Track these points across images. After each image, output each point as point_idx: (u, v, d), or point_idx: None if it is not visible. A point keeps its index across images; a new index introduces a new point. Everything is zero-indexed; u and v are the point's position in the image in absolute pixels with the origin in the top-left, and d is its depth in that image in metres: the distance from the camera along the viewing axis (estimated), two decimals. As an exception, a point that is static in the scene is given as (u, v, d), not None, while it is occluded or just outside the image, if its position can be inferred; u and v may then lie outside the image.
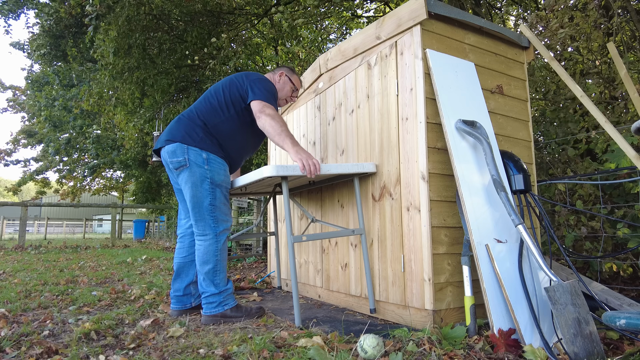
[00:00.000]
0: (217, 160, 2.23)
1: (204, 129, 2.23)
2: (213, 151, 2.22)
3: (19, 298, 2.80)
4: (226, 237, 2.26)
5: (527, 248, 1.82)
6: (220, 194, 2.24)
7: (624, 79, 2.26)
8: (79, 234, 23.84)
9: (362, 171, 2.27)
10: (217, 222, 2.21)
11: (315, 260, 2.88)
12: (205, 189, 2.18)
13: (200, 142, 2.19)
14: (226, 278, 2.25)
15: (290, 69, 2.63)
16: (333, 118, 2.80)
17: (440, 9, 2.07)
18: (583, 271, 2.80)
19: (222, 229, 2.23)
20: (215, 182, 2.21)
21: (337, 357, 1.50)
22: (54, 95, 12.54)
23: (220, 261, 2.21)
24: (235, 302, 2.24)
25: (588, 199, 2.85)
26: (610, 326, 1.49)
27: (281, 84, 2.56)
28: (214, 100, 2.31)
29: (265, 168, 2.06)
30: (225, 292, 2.21)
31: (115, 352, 1.67)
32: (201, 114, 2.28)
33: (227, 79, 2.40)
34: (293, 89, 2.60)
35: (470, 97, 2.12)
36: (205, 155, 2.19)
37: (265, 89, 2.27)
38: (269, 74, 2.62)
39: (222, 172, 2.24)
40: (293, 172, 2.06)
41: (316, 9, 5.39)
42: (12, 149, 14.91)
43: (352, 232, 2.27)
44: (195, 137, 2.20)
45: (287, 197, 2.13)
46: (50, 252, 7.62)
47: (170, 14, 6.15)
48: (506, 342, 1.59)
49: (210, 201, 2.19)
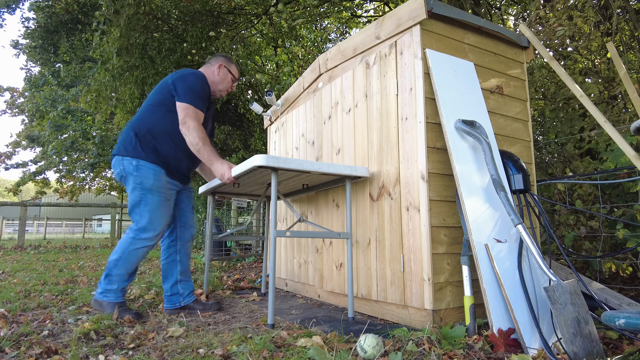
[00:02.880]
0: (147, 165, 2.27)
1: (136, 138, 2.30)
2: (143, 157, 2.27)
3: (18, 298, 2.80)
4: (143, 247, 2.26)
5: (526, 248, 1.82)
6: (151, 200, 2.26)
7: (623, 78, 2.26)
8: (79, 233, 23.83)
9: (355, 174, 2.24)
10: (140, 229, 2.25)
11: (314, 260, 2.88)
12: (136, 194, 2.25)
13: (132, 151, 2.27)
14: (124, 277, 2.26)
15: (227, 59, 2.61)
16: (329, 117, 2.79)
17: (439, 9, 2.07)
18: (582, 271, 2.81)
19: (141, 237, 2.25)
20: (144, 186, 2.25)
21: (336, 356, 1.50)
22: (53, 96, 12.52)
23: (123, 259, 2.24)
24: (117, 299, 2.25)
25: (587, 199, 2.85)
26: (609, 326, 1.49)
27: (222, 76, 2.55)
28: (145, 107, 2.38)
29: (256, 157, 1.98)
30: (111, 285, 2.25)
31: (114, 352, 1.67)
32: (134, 124, 2.35)
33: (162, 80, 2.45)
34: (233, 79, 2.61)
35: (469, 96, 2.12)
36: (135, 163, 2.26)
37: (189, 89, 2.29)
38: (204, 67, 2.60)
39: (151, 177, 2.27)
40: (284, 165, 2.02)
41: (316, 8, 5.39)
42: (11, 152, 14.90)
43: (338, 235, 2.23)
44: (128, 147, 2.29)
45: (275, 190, 2.07)
46: (49, 252, 7.62)
47: (169, 14, 6.15)
48: (506, 342, 1.59)
49: (141, 206, 2.25)
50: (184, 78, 2.33)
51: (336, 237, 2.24)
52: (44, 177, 15.06)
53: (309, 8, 5.38)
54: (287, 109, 3.47)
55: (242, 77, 7.19)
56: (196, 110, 2.27)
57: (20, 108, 14.78)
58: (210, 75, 2.52)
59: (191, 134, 2.23)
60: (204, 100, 2.35)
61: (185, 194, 2.56)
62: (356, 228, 2.43)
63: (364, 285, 2.33)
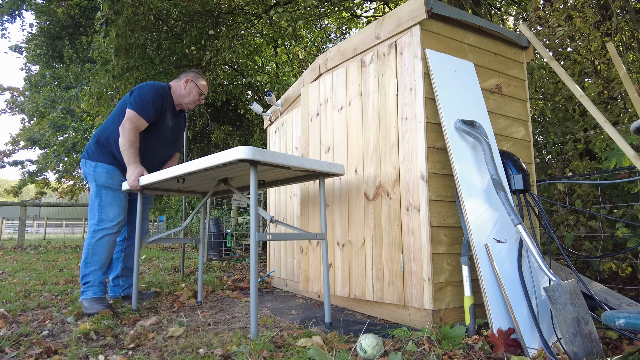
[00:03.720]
0: (104, 167, 2.54)
1: (97, 143, 2.57)
2: (101, 160, 2.54)
3: (18, 298, 2.80)
4: (104, 236, 2.47)
5: (526, 248, 1.82)
6: (106, 195, 2.52)
7: (623, 78, 2.26)
8: (79, 233, 23.81)
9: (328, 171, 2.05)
10: (100, 221, 2.49)
11: (299, 260, 2.88)
12: (93, 191, 2.54)
13: (93, 155, 2.56)
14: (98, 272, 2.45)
15: (195, 74, 2.78)
16: (317, 114, 2.78)
17: (439, 9, 2.07)
18: (582, 271, 2.81)
19: (101, 228, 2.47)
20: (99, 183, 2.52)
21: (336, 356, 1.50)
22: (53, 97, 12.52)
23: (90, 255, 2.45)
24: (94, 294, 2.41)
25: (587, 199, 2.85)
26: (609, 326, 1.49)
27: (187, 90, 2.71)
28: (110, 116, 2.64)
29: (238, 148, 1.71)
30: (87, 283, 2.43)
31: (114, 352, 1.67)
32: (98, 131, 2.63)
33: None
34: (200, 92, 2.75)
35: (469, 96, 2.12)
36: (94, 165, 2.54)
37: (139, 97, 2.49)
38: (174, 80, 2.78)
39: (104, 175, 2.53)
40: (270, 159, 1.78)
41: (316, 9, 5.39)
42: (11, 150, 14.89)
43: (314, 237, 2.09)
44: (90, 151, 2.58)
45: (254, 187, 1.79)
46: (49, 252, 7.62)
47: (169, 14, 6.15)
48: (505, 342, 1.59)
49: (98, 201, 2.51)
50: (140, 88, 2.56)
51: (312, 237, 2.08)
52: (44, 177, 15.06)
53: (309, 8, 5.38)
54: (287, 109, 3.47)
55: (242, 77, 7.19)
56: (139, 117, 2.48)
57: (20, 107, 14.77)
58: (177, 89, 2.71)
59: (123, 135, 2.44)
60: (153, 110, 2.53)
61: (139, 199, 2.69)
62: (349, 228, 2.42)
63: (358, 286, 2.32)
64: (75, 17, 7.17)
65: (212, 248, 5.28)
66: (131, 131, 2.45)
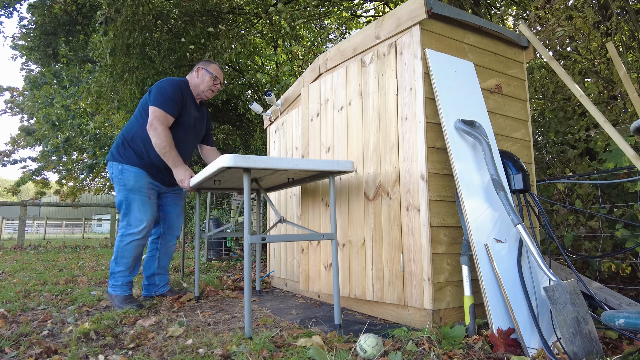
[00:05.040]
0: (130, 169, 2.51)
1: (123, 145, 2.55)
2: (127, 162, 2.51)
3: (18, 298, 2.80)
4: (132, 241, 2.50)
5: (526, 248, 1.82)
6: (134, 198, 2.50)
7: (623, 78, 2.26)
8: (78, 233, 23.81)
9: (338, 169, 2.07)
10: (127, 225, 2.50)
11: (299, 260, 2.88)
12: (121, 195, 2.51)
13: (118, 157, 2.53)
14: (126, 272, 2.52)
15: (205, 61, 2.74)
16: (317, 114, 2.78)
17: (439, 9, 2.07)
18: (582, 271, 2.81)
19: (129, 232, 2.49)
20: (127, 187, 2.50)
21: (336, 356, 1.50)
22: (52, 94, 12.51)
23: (119, 257, 2.50)
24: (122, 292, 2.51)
25: (587, 199, 2.85)
26: (609, 325, 1.49)
27: (200, 78, 2.67)
28: (132, 117, 2.61)
29: (222, 157, 1.81)
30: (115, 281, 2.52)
31: (114, 351, 1.67)
32: (123, 131, 2.60)
33: None
34: (213, 77, 2.68)
35: (469, 96, 2.12)
36: (120, 167, 2.51)
37: (160, 93, 2.46)
38: (188, 74, 2.74)
39: (132, 179, 2.50)
40: (254, 164, 1.84)
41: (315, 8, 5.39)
42: (11, 150, 14.88)
43: (322, 237, 2.07)
44: (115, 154, 2.55)
45: (247, 192, 1.89)
46: (49, 252, 7.62)
47: (169, 14, 6.15)
48: (505, 342, 1.59)
49: (125, 206, 2.50)
50: (158, 84, 2.52)
51: (320, 238, 2.08)
52: (44, 177, 15.05)
53: (309, 8, 5.38)
54: (287, 109, 3.47)
55: (242, 77, 7.18)
56: (164, 113, 2.43)
57: (20, 107, 14.76)
58: (192, 80, 2.68)
59: (158, 136, 2.40)
60: (175, 104, 2.49)
61: (171, 197, 2.74)
62: (349, 228, 2.42)
63: (358, 286, 2.32)
64: (72, 13, 7.14)
65: (212, 248, 5.28)
66: (164, 130, 2.42)
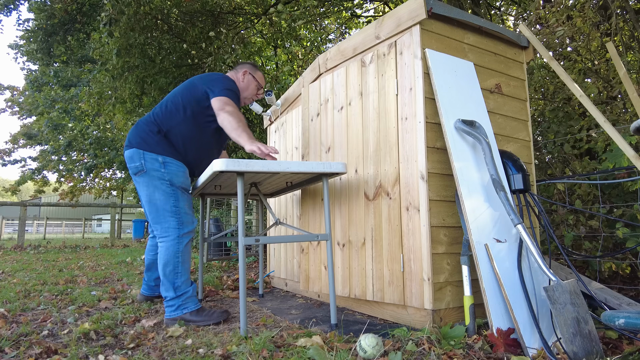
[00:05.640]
0: (175, 162, 2.24)
1: (159, 133, 2.24)
2: (169, 154, 2.23)
3: (18, 298, 2.80)
4: (189, 239, 2.24)
5: (526, 248, 1.82)
6: (182, 196, 2.24)
7: (623, 78, 2.26)
8: (78, 233, 23.81)
9: (330, 171, 2.09)
10: (181, 223, 2.20)
11: (299, 260, 2.88)
12: (166, 191, 2.19)
13: (156, 147, 2.21)
14: (189, 281, 2.22)
15: (253, 66, 2.58)
16: (317, 114, 2.78)
17: (439, 9, 2.07)
18: (582, 271, 2.81)
19: (186, 231, 2.21)
20: (174, 184, 2.21)
21: (336, 356, 1.50)
22: (53, 96, 12.52)
23: (181, 263, 2.18)
24: (196, 305, 2.19)
25: (587, 199, 2.85)
26: (609, 325, 1.49)
27: (245, 83, 2.53)
28: (170, 104, 2.31)
29: (215, 162, 1.88)
30: (185, 295, 2.17)
31: (114, 351, 1.67)
32: (158, 118, 2.28)
33: (187, 81, 2.41)
34: (258, 86, 2.58)
35: (469, 96, 2.12)
36: (162, 159, 2.20)
37: (226, 88, 2.26)
38: (231, 72, 2.58)
39: (181, 174, 2.25)
40: (246, 168, 1.88)
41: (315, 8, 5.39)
42: (10, 149, 14.90)
43: (316, 238, 2.08)
44: (150, 141, 2.21)
45: (241, 195, 1.93)
46: (49, 252, 7.62)
47: (169, 14, 6.15)
48: (505, 342, 1.59)
49: (173, 203, 2.19)
50: (220, 80, 2.31)
51: (314, 239, 2.10)
52: (43, 176, 15.06)
53: (309, 8, 5.38)
54: (286, 109, 3.47)
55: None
56: (233, 102, 2.22)
57: (20, 107, 14.78)
58: (237, 82, 2.49)
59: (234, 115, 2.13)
60: (238, 100, 2.34)
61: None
62: (349, 228, 2.42)
63: (357, 286, 2.32)
64: (72, 13, 7.14)
65: (212, 248, 5.28)
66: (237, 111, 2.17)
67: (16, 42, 10.75)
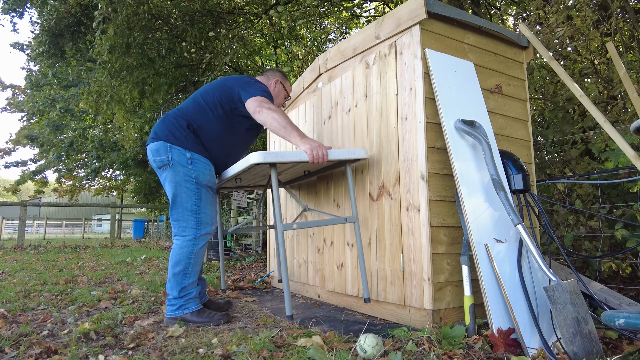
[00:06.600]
0: (202, 160, 2.19)
1: (188, 129, 2.19)
2: (197, 150, 2.17)
3: (18, 298, 2.79)
4: (205, 242, 2.20)
5: (526, 248, 1.82)
6: (206, 195, 2.20)
7: (623, 78, 2.26)
8: (78, 233, 23.81)
9: (353, 157, 2.22)
10: (200, 224, 2.16)
11: (314, 260, 2.88)
12: (189, 189, 2.14)
13: (184, 142, 2.15)
14: (195, 282, 2.19)
15: (283, 76, 2.60)
16: (329, 117, 2.79)
17: (439, 9, 2.07)
18: (582, 271, 2.81)
19: (203, 233, 2.17)
20: (200, 182, 2.16)
21: (336, 356, 1.50)
22: (53, 96, 12.52)
23: (192, 265, 2.14)
24: (197, 306, 2.16)
25: (587, 199, 2.85)
26: (609, 325, 1.49)
27: (276, 92, 2.53)
28: (202, 101, 2.27)
29: (252, 155, 1.97)
30: (187, 295, 2.14)
31: (114, 352, 1.67)
32: (188, 113, 2.24)
33: (218, 80, 2.38)
34: (286, 96, 2.61)
35: (469, 96, 2.12)
36: (189, 155, 2.15)
37: (260, 89, 2.24)
38: (261, 77, 2.58)
39: (207, 173, 2.20)
40: (282, 159, 1.99)
41: (316, 8, 5.40)
42: (11, 148, 14.90)
43: (344, 220, 2.20)
44: (179, 136, 2.16)
45: (276, 184, 2.05)
46: (49, 252, 7.62)
47: (169, 14, 6.15)
48: (505, 342, 1.59)
49: (195, 202, 2.14)
50: (254, 81, 2.30)
51: (342, 222, 2.20)
52: (43, 176, 15.07)
53: (309, 8, 5.39)
54: (287, 109, 3.47)
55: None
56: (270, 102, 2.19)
57: (20, 107, 14.78)
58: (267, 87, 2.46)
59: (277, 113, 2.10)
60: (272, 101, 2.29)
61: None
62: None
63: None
64: (77, 15, 7.16)
65: (212, 248, 5.28)
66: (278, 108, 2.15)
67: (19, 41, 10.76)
